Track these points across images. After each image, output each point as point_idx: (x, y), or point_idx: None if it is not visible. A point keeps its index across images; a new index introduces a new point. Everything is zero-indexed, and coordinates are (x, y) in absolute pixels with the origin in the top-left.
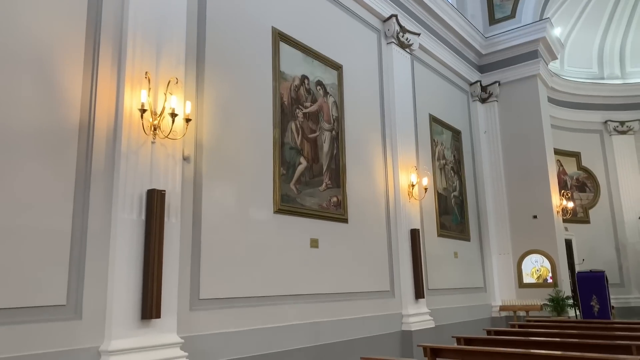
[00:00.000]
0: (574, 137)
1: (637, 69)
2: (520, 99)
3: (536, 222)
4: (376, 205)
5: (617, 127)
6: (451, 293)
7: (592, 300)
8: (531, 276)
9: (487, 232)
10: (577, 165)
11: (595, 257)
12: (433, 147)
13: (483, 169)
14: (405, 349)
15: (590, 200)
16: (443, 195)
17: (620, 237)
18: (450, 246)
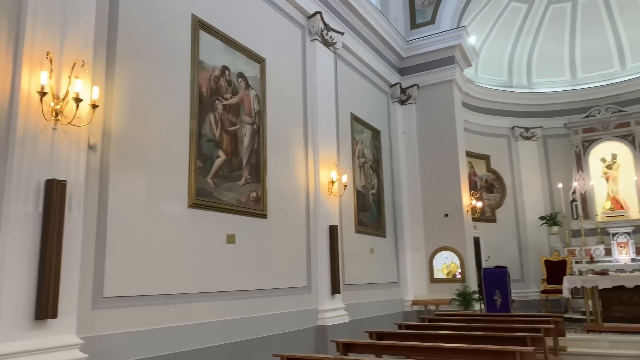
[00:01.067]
0: (484, 141)
1: (542, 80)
2: (436, 103)
3: (448, 221)
4: (296, 201)
5: (522, 133)
6: (366, 288)
7: (496, 294)
8: (442, 272)
9: (402, 229)
10: (486, 167)
11: (500, 254)
12: (353, 146)
13: (400, 169)
14: (320, 345)
15: (497, 200)
16: (362, 192)
17: (522, 236)
18: (367, 242)
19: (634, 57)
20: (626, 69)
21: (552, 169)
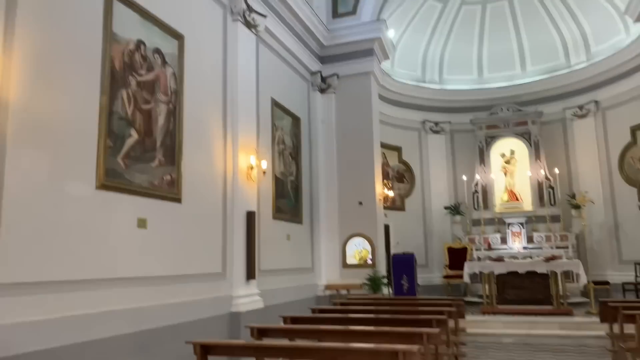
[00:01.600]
0: (397, 133)
1: (452, 77)
2: (355, 93)
3: (361, 208)
4: (213, 185)
5: (432, 127)
6: (282, 274)
7: (403, 279)
8: (354, 257)
9: (318, 216)
10: (398, 159)
11: (407, 241)
12: (274, 132)
13: (319, 157)
14: (233, 331)
15: (407, 190)
16: (280, 179)
17: (428, 224)
18: (284, 229)
19: (534, 61)
20: (526, 72)
21: (457, 162)
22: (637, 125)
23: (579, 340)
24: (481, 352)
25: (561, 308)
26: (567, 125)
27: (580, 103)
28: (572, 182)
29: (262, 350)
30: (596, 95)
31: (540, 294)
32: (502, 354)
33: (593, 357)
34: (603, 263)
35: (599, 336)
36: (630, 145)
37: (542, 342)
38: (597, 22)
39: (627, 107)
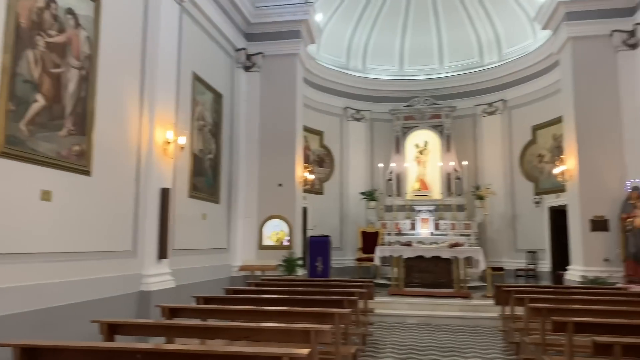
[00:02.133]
0: (319, 118)
1: (374, 66)
2: (280, 74)
3: (280, 190)
4: (126, 159)
5: (353, 114)
6: (196, 253)
7: (318, 261)
8: (271, 239)
9: (237, 196)
10: (319, 143)
11: (324, 224)
12: (194, 107)
13: (240, 136)
14: (142, 310)
15: (326, 174)
16: (199, 156)
17: (344, 208)
18: (200, 207)
19: (451, 57)
20: (443, 67)
21: (375, 150)
22: (538, 125)
23: (475, 321)
24: (387, 332)
25: (461, 291)
26: (477, 120)
27: (490, 101)
28: (478, 175)
29: (173, 330)
30: (505, 94)
31: (444, 278)
32: (406, 334)
33: (486, 337)
34: (500, 251)
35: (493, 317)
36: (530, 143)
37: (442, 323)
38: (509, 25)
39: (530, 107)
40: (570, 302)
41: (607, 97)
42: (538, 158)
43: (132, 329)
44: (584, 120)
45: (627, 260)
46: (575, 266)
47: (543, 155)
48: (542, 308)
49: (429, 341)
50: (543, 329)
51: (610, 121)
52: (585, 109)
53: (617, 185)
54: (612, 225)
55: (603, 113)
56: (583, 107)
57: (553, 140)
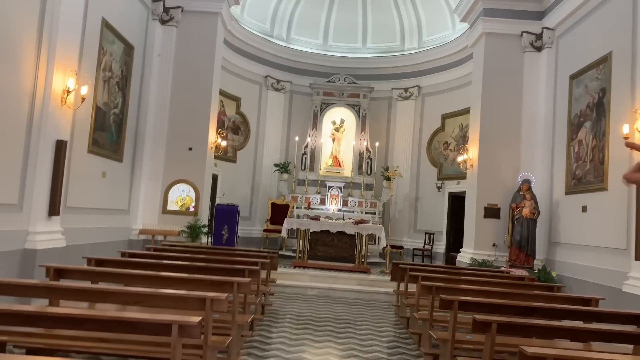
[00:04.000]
0: (238, 83)
1: (298, 37)
2: (199, 32)
3: (190, 154)
4: (16, 103)
5: (273, 84)
6: (92, 213)
7: (224, 229)
8: (176, 204)
9: (142, 156)
10: (236, 109)
11: (234, 193)
12: (100, 56)
13: (150, 92)
14: (26, 270)
15: (240, 142)
16: (102, 109)
17: (257, 179)
18: (100, 165)
19: (374, 38)
20: (366, 48)
21: (292, 122)
22: (447, 114)
23: (371, 295)
24: (287, 302)
25: (361, 266)
26: (392, 104)
27: (406, 86)
28: (388, 156)
29: (57, 292)
30: (420, 81)
31: (346, 253)
32: (305, 305)
33: (380, 310)
34: (401, 230)
35: (388, 293)
36: (439, 130)
37: (341, 296)
38: (432, 14)
39: (442, 96)
40: (459, 282)
41: (512, 93)
42: (444, 145)
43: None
44: (488, 113)
45: (512, 246)
46: (467, 249)
47: (449, 143)
48: (433, 286)
49: (326, 313)
50: (432, 305)
51: (511, 117)
52: (490, 103)
53: (511, 177)
54: (503, 214)
55: (506, 108)
56: (489, 100)
57: (459, 130)
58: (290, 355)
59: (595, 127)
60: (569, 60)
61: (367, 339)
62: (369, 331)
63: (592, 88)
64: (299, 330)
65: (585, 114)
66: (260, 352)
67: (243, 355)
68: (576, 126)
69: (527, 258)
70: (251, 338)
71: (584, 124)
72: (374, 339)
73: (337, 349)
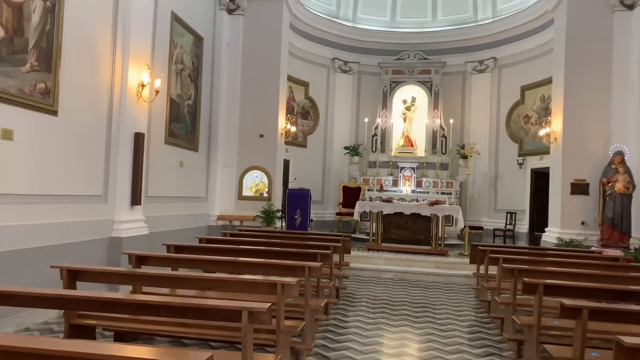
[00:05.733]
0: (305, 68)
1: (365, 16)
2: (265, 18)
3: (262, 141)
4: (97, 100)
5: (341, 66)
6: (171, 201)
7: (297, 214)
8: (250, 190)
9: (217, 144)
10: (304, 94)
11: (305, 177)
12: (172, 49)
13: (221, 82)
14: (113, 257)
15: (310, 127)
16: (176, 101)
17: (327, 163)
18: (177, 155)
19: (444, 11)
20: (436, 21)
21: (361, 104)
22: (527, 86)
23: (449, 279)
24: (362, 286)
25: (438, 249)
26: (467, 78)
27: (481, 58)
28: (464, 133)
29: (138, 279)
30: (496, 52)
31: (422, 235)
32: (380, 288)
33: (459, 294)
34: (480, 210)
35: (467, 275)
36: (518, 103)
37: (417, 279)
38: None
39: (521, 67)
40: (544, 263)
41: (599, 59)
42: (524, 119)
43: (95, 276)
44: (573, 81)
45: (603, 224)
46: (552, 228)
47: (530, 116)
48: (515, 269)
49: (403, 296)
50: (514, 289)
51: (599, 85)
52: (575, 70)
53: (600, 150)
54: (592, 189)
55: (593, 75)
56: (573, 68)
57: (541, 102)
58: (366, 340)
59: None
60: None
61: (446, 323)
62: (447, 315)
63: None
64: (374, 314)
65: None
66: (335, 336)
67: (318, 339)
68: None
69: (622, 236)
70: (326, 322)
71: None
72: (454, 323)
73: (414, 333)
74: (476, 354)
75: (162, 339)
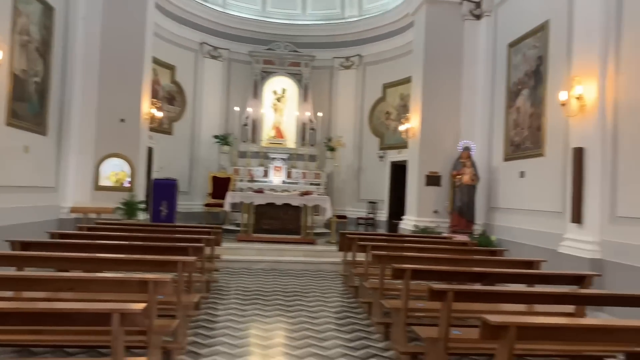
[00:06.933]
0: (172, 51)
1: (236, 2)
2: None
3: (123, 126)
4: None
5: (210, 51)
6: (14, 192)
7: (162, 205)
8: (109, 179)
9: (69, 128)
10: (170, 78)
11: (172, 166)
12: (15, 17)
13: (76, 59)
14: None
15: (176, 113)
16: (21, 77)
17: (195, 152)
18: (21, 138)
19: (314, 5)
20: (306, 14)
21: (232, 92)
22: (389, 84)
23: (318, 266)
24: (233, 278)
25: (307, 238)
26: (334, 73)
27: (347, 54)
28: (331, 127)
29: None
30: (361, 50)
31: (292, 225)
32: (252, 279)
33: (328, 281)
34: (345, 200)
35: (335, 262)
36: (380, 100)
37: (288, 268)
38: None
39: (383, 65)
40: (404, 249)
41: (452, 62)
42: (386, 115)
43: None
44: (429, 82)
45: (453, 212)
46: (409, 216)
47: (390, 112)
48: (383, 255)
49: (274, 285)
50: (382, 274)
51: (452, 85)
52: (431, 72)
53: (451, 145)
54: (444, 181)
55: (447, 77)
56: (430, 69)
57: (400, 100)
58: (240, 333)
59: (532, 95)
60: (507, 28)
61: (317, 310)
62: (318, 302)
63: (530, 56)
64: (247, 305)
65: (523, 81)
66: (208, 332)
67: (190, 337)
68: (514, 94)
69: (468, 224)
70: (198, 318)
71: (522, 91)
72: (324, 310)
73: (287, 322)
74: (347, 338)
75: (4, 350)
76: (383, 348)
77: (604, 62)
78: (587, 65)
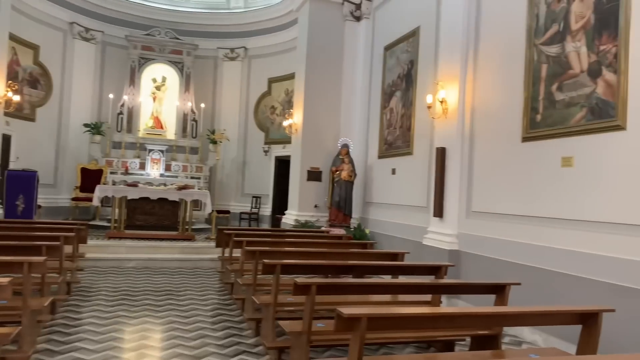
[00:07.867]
0: (36, 28)
1: None
2: None
3: None
4: None
5: (81, 32)
6: None
7: (19, 199)
8: None
9: None
10: (33, 59)
11: (33, 156)
12: None
13: None
14: None
15: (40, 98)
16: None
17: (63, 140)
18: None
19: None
20: (189, 1)
21: (105, 78)
22: (274, 78)
23: (195, 263)
24: (100, 277)
25: (185, 234)
26: (218, 64)
27: (232, 46)
28: (215, 119)
29: None
30: (247, 42)
31: (169, 220)
32: (121, 278)
33: (204, 278)
34: (228, 194)
35: (213, 259)
36: (265, 94)
37: (162, 266)
38: None
39: (268, 59)
40: (283, 244)
41: (333, 61)
42: (271, 109)
43: None
44: (312, 79)
45: (332, 207)
46: (291, 211)
47: (275, 107)
48: (256, 251)
49: (145, 285)
50: (255, 270)
51: (333, 84)
52: (314, 69)
53: (332, 142)
54: (324, 176)
55: (328, 75)
56: (312, 67)
57: (285, 95)
58: (101, 337)
59: (404, 97)
60: (384, 31)
61: (190, 308)
62: (191, 300)
63: (403, 60)
64: (112, 307)
65: (396, 83)
66: (63, 337)
67: (41, 343)
68: (389, 95)
69: (345, 217)
70: (52, 322)
71: (395, 93)
72: (197, 308)
73: (155, 323)
74: (217, 336)
75: None
76: (253, 344)
77: (464, 69)
78: (449, 72)
